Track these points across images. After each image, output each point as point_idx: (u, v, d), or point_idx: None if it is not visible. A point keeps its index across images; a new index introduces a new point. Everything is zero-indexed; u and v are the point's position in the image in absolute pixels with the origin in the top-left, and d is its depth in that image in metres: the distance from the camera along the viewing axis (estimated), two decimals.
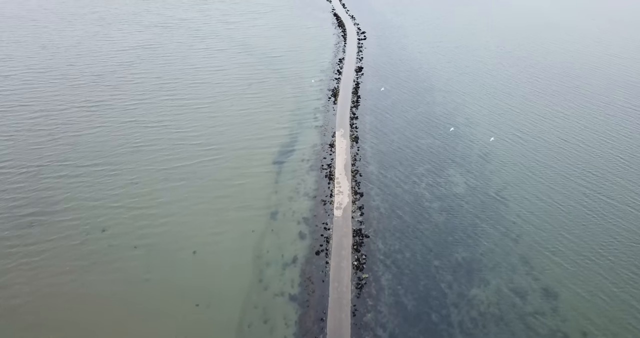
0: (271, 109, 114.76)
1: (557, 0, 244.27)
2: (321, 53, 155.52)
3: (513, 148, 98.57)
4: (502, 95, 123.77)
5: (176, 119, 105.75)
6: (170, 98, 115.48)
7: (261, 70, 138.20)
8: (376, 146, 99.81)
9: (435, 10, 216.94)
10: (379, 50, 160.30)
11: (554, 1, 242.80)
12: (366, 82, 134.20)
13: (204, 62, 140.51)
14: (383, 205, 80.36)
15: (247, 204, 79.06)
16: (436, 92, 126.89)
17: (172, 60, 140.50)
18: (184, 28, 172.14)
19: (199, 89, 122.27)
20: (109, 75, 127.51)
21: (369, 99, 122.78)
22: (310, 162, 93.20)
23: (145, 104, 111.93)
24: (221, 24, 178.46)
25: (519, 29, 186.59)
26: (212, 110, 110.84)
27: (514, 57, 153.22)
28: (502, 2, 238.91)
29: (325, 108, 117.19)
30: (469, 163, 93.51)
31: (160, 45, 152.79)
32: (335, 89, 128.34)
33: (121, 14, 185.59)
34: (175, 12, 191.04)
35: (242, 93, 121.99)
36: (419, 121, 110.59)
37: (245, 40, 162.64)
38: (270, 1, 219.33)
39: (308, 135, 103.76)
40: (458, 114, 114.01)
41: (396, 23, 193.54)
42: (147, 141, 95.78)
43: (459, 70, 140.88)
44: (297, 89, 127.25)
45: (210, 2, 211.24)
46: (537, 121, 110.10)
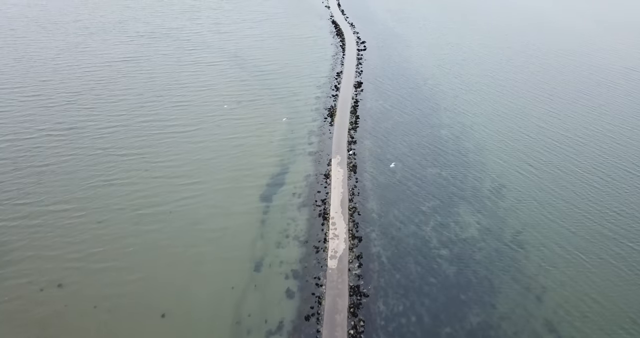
0: (261, 132, 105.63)
1: (568, 6, 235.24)
2: (318, 66, 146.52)
3: (528, 181, 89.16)
4: (514, 117, 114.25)
5: (155, 146, 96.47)
6: (150, 121, 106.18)
7: (253, 87, 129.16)
8: (376, 177, 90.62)
9: (440, 17, 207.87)
10: (380, 63, 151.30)
11: (565, 7, 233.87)
12: (366, 99, 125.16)
13: (191, 78, 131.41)
14: (385, 253, 71.12)
15: (228, 253, 69.83)
16: (442, 112, 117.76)
17: (157, 75, 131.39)
18: (172, 38, 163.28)
19: (184, 109, 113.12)
20: (86, 94, 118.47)
21: (368, 120, 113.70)
22: (303, 196, 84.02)
23: (123, 128, 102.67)
24: (212, 33, 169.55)
25: (529, 39, 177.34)
26: (196, 136, 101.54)
27: (525, 72, 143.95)
28: (510, 8, 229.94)
29: (321, 130, 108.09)
30: (480, 199, 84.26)
31: (145, 58, 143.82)
32: (332, 107, 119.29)
33: (106, 22, 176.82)
34: (164, 20, 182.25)
35: (230, 114, 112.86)
36: (423, 147, 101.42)
37: (237, 52, 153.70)
38: (266, 8, 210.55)
39: (301, 163, 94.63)
40: (466, 138, 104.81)
41: (398, 32, 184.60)
42: (120, 174, 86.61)
43: (467, 87, 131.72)
44: (290, 108, 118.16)
45: (202, 9, 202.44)
46: (553, 148, 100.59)
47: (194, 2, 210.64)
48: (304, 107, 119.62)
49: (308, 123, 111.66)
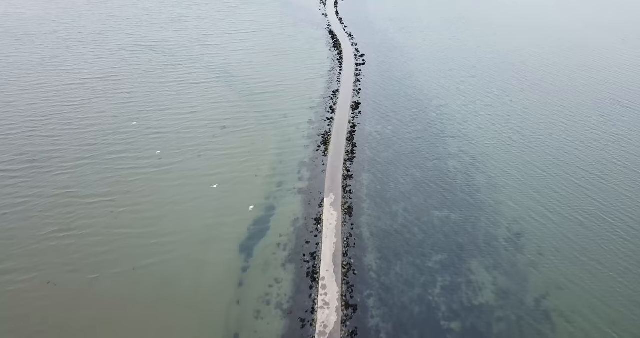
0: (246, 165, 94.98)
1: (586, 18, 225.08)
2: (313, 84, 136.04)
3: (547, 229, 77.93)
4: (528, 147, 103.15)
5: (125, 187, 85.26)
6: (122, 154, 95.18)
7: (240, 109, 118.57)
8: (375, 222, 79.90)
9: (444, 27, 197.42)
10: (380, 79, 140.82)
11: (582, 18, 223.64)
12: (364, 123, 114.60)
13: (173, 99, 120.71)
14: (385, 327, 60.25)
15: (197, 326, 59.10)
16: (448, 139, 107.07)
17: (135, 96, 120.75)
18: (156, 52, 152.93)
19: (162, 138, 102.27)
20: (53, 119, 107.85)
21: (366, 149, 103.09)
22: (289, 248, 73.30)
23: (89, 162, 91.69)
24: (200, 47, 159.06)
25: (543, 52, 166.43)
26: (172, 172, 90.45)
27: (539, 91, 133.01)
28: (521, 18, 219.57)
29: (313, 161, 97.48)
30: (495, 251, 73.48)
31: (124, 75, 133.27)
32: (326, 133, 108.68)
33: (86, 33, 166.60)
34: (148, 31, 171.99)
35: (212, 142, 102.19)
36: (429, 183, 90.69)
37: (225, 68, 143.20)
38: (260, 17, 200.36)
39: (289, 204, 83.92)
40: (476, 172, 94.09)
41: (400, 43, 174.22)
42: (78, 225, 75.45)
43: (475, 109, 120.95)
44: (280, 134, 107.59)
45: (190, 18, 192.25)
46: (572, 188, 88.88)
47: (182, 11, 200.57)
48: (295, 132, 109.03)
49: (299, 152, 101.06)
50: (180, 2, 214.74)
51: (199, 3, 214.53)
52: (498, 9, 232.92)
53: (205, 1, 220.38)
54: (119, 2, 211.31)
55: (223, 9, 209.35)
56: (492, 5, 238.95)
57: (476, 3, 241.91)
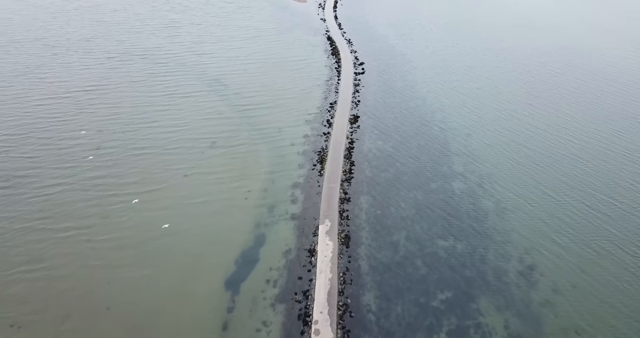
0: (236, 188, 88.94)
1: (594, 23, 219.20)
2: (309, 94, 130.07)
3: (564, 264, 71.98)
4: (540, 169, 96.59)
5: (103, 217, 78.96)
6: (103, 178, 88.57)
7: (232, 123, 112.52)
8: (375, 253, 73.84)
9: (447, 33, 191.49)
10: (380, 90, 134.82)
11: (589, 24, 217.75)
12: (363, 138, 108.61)
13: (161, 113, 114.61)
14: None
15: None
16: (453, 157, 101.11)
17: (122, 111, 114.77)
18: (146, 61, 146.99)
19: (147, 158, 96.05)
20: (33, 136, 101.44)
21: (365, 167, 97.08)
22: (279, 284, 67.31)
23: (67, 187, 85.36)
24: (192, 55, 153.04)
25: (551, 61, 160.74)
26: (156, 200, 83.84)
27: (549, 104, 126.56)
28: (526, 23, 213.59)
29: (308, 182, 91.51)
30: (507, 287, 67.45)
31: (111, 87, 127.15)
32: (323, 150, 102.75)
33: (74, 40, 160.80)
34: (139, 38, 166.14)
35: (200, 162, 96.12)
36: (433, 207, 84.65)
37: (218, 78, 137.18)
38: (256, 23, 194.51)
39: (280, 232, 77.91)
40: (483, 195, 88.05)
41: (401, 50, 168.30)
42: (51, 258, 69.63)
43: (482, 124, 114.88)
44: (273, 151, 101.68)
45: (183, 24, 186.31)
46: (588, 217, 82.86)
47: (176, 16, 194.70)
48: (290, 149, 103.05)
49: (293, 171, 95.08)
50: (173, 6, 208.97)
51: (193, 8, 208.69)
52: (503, 14, 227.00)
53: (199, 6, 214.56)
54: (110, 6, 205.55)
55: (218, 13, 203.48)
56: (498, 11, 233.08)
57: (480, 8, 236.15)
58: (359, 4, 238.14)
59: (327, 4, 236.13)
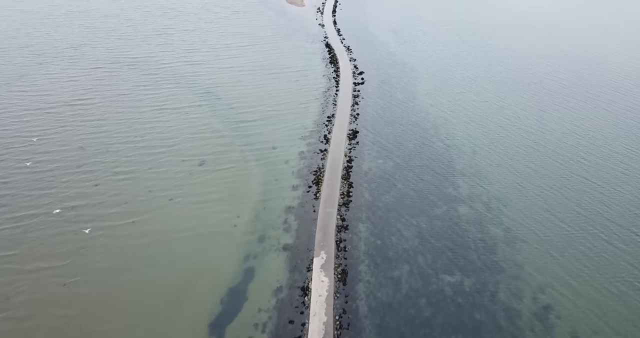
0: (224, 210, 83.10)
1: (606, 32, 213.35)
2: (306, 107, 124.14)
3: (582, 305, 65.58)
4: (551, 194, 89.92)
5: (78, 251, 72.86)
6: (79, 209, 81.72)
7: (224, 140, 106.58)
8: (374, 292, 67.69)
9: (450, 40, 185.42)
10: (380, 103, 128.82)
11: (602, 32, 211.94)
12: (362, 156, 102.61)
13: (149, 129, 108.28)
14: None
15: None
16: (458, 177, 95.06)
17: (106, 126, 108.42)
18: (135, 70, 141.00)
19: (129, 182, 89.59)
20: (7, 155, 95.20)
21: (364, 190, 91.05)
22: (268, 330, 61.09)
23: (40, 218, 79.03)
24: (184, 64, 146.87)
25: (560, 70, 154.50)
26: (136, 232, 77.43)
27: (560, 119, 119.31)
28: (529, 26, 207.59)
29: (302, 207, 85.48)
30: (521, 332, 61.19)
31: (96, 100, 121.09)
32: (319, 169, 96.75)
33: (61, 48, 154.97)
34: (129, 46, 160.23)
35: (187, 184, 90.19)
36: (438, 236, 78.58)
37: (211, 88, 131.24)
38: (252, 29, 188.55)
39: (271, 266, 71.78)
40: (492, 224, 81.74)
41: (402, 58, 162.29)
42: (17, 304, 63.38)
43: (488, 141, 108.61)
44: (266, 171, 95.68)
45: (176, 30, 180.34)
46: (605, 251, 76.84)
47: (169, 22, 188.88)
48: (284, 168, 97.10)
49: (287, 194, 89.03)
50: (166, 12, 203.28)
51: (187, 13, 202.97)
52: (510, 20, 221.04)
53: (194, 11, 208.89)
54: (102, 11, 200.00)
55: (213, 19, 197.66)
56: (504, 17, 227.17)
57: (485, 13, 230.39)
58: (359, 8, 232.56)
59: (325, 8, 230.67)
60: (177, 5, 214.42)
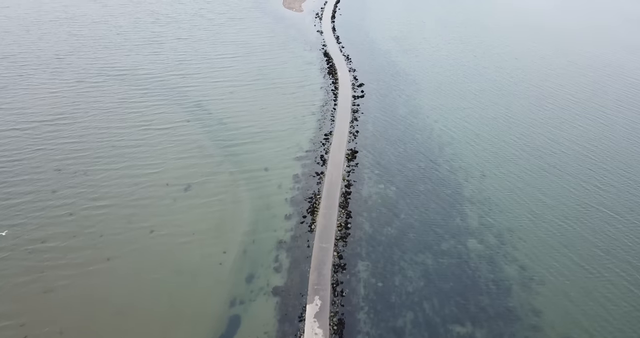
0: (209, 243, 75.91)
1: (622, 43, 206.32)
2: (302, 123, 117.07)
3: None
4: (569, 227, 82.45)
5: (43, 300, 65.37)
6: (46, 253, 74.02)
7: (212, 161, 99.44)
8: None
9: (455, 48, 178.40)
10: (381, 118, 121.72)
11: (618, 43, 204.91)
12: (362, 180, 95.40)
13: (132, 150, 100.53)
14: None
15: None
16: (466, 205, 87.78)
17: (85, 149, 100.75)
18: (122, 82, 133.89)
19: (106, 209, 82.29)
20: None
21: (364, 220, 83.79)
22: None
23: (1, 259, 72.66)
24: (175, 76, 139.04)
25: (574, 81, 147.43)
26: (110, 273, 69.95)
27: (576, 140, 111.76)
28: (544, 35, 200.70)
29: (296, 241, 78.24)
30: None
31: (77, 116, 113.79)
32: (314, 196, 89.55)
33: (44, 58, 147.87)
34: (117, 55, 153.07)
35: (170, 214, 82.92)
36: (445, 276, 71.27)
37: (202, 103, 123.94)
38: (247, 37, 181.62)
39: (258, 313, 64.48)
40: (505, 261, 74.49)
41: (404, 69, 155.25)
42: None
43: (498, 163, 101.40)
44: (257, 198, 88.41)
45: (168, 38, 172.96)
46: (637, 301, 70.40)
47: (160, 29, 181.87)
48: (277, 195, 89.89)
49: (279, 225, 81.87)
50: (158, 18, 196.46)
51: (179, 20, 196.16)
52: (518, 27, 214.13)
53: (187, 17, 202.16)
54: (91, 18, 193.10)
55: (207, 26, 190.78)
56: (512, 24, 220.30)
57: (493, 20, 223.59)
58: (359, 14, 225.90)
59: (324, 14, 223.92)
60: (169, 11, 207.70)
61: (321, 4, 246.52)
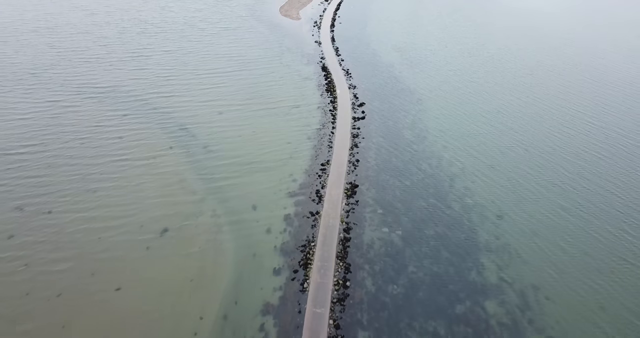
0: (183, 302, 65.48)
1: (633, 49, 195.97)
2: (296, 150, 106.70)
3: None
4: (605, 288, 72.47)
5: None
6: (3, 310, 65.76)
7: (193, 195, 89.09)
8: None
9: (466, 61, 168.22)
10: (384, 143, 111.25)
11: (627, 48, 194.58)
12: (362, 222, 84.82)
13: (105, 189, 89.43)
14: None
15: None
16: (483, 254, 77.19)
17: (51, 184, 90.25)
18: (100, 104, 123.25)
19: (68, 263, 72.06)
20: None
21: (366, 277, 73.02)
22: None
23: None
24: (158, 97, 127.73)
25: (593, 101, 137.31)
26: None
27: (607, 178, 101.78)
28: (559, 45, 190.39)
29: (284, 304, 67.64)
30: None
31: (46, 144, 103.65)
32: (308, 243, 79.04)
33: (20, 73, 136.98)
34: (97, 71, 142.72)
35: (144, 261, 72.67)
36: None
37: (187, 126, 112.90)
38: (241, 49, 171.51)
39: None
40: (533, 327, 63.86)
41: (408, 85, 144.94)
42: None
43: (519, 201, 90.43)
44: (241, 244, 77.93)
45: (153, 51, 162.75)
46: None
47: (147, 41, 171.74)
48: (265, 240, 79.37)
49: (266, 280, 71.31)
50: (146, 28, 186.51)
51: (168, 30, 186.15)
52: (528, 35, 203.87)
53: (177, 27, 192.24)
54: (75, 28, 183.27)
55: (198, 38, 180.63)
56: (521, 30, 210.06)
57: (504, 31, 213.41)
58: (360, 23, 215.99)
59: (323, 23, 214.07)
60: (158, 21, 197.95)
61: (320, 11, 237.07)
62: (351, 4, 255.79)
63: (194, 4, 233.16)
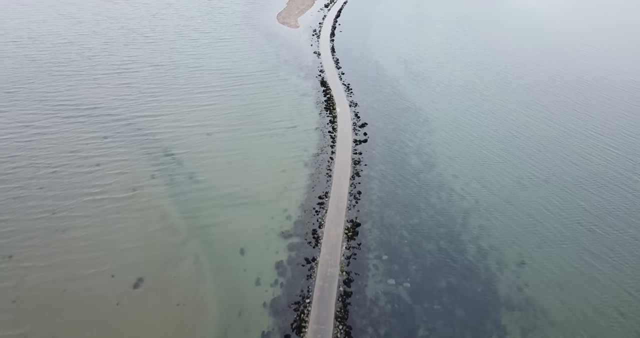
0: None
1: None
2: (291, 180, 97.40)
3: None
4: None
5: None
6: None
7: (174, 236, 79.82)
8: None
9: (476, 75, 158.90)
10: (389, 171, 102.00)
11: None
12: (365, 272, 75.43)
13: (75, 237, 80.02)
14: None
15: None
16: (504, 312, 67.52)
17: (13, 230, 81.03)
18: (74, 126, 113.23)
19: (24, 327, 63.87)
20: None
21: (369, 333, 64.15)
22: None
23: None
24: (142, 118, 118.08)
25: (623, 125, 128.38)
26: None
27: (628, 205, 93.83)
28: (572, 55, 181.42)
29: None
30: None
31: (15, 176, 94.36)
32: (302, 300, 69.60)
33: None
34: (78, 88, 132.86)
35: (112, 319, 63.49)
36: None
37: (173, 152, 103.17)
38: (235, 62, 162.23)
39: None
40: None
41: (414, 103, 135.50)
42: None
43: (542, 243, 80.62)
44: (226, 298, 68.87)
45: (140, 65, 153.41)
46: None
47: (134, 53, 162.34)
48: (252, 295, 70.03)
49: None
50: (135, 39, 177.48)
51: (158, 41, 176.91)
52: (543, 46, 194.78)
53: (168, 36, 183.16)
54: (59, 37, 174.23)
55: (189, 49, 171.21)
56: (535, 41, 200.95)
57: (516, 42, 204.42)
58: (362, 32, 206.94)
59: (322, 31, 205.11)
60: (148, 30, 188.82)
61: (319, 19, 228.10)
62: (352, 10, 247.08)
63: (186, 12, 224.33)
